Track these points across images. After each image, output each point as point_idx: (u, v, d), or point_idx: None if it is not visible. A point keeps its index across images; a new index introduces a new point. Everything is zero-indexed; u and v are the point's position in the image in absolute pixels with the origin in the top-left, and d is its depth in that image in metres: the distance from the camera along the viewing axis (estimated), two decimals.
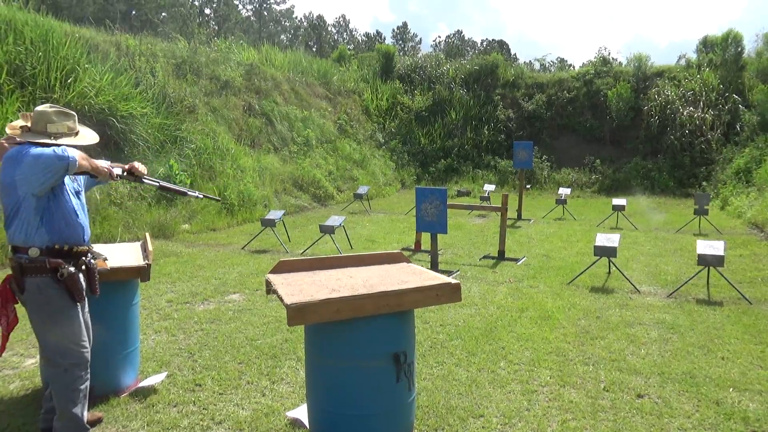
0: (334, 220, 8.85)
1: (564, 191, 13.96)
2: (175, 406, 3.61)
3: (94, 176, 3.07)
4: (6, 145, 2.89)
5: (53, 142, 2.85)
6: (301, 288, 2.90)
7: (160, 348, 4.61)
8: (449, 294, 2.94)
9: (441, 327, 5.19)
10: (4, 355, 4.39)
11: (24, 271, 2.80)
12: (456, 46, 72.17)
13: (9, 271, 2.91)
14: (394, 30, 79.78)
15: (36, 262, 2.80)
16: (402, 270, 3.32)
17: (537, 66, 27.15)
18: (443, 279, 3.03)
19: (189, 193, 3.65)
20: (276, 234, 9.28)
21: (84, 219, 3.03)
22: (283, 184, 13.95)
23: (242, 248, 8.96)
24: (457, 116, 21.12)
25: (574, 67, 31.02)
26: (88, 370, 3.01)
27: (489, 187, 14.86)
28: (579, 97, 20.47)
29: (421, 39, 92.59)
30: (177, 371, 4.14)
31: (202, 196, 3.73)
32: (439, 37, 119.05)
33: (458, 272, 7.47)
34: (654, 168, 17.59)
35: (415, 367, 3.13)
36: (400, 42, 73.38)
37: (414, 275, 3.17)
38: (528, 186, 18.03)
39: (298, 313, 2.61)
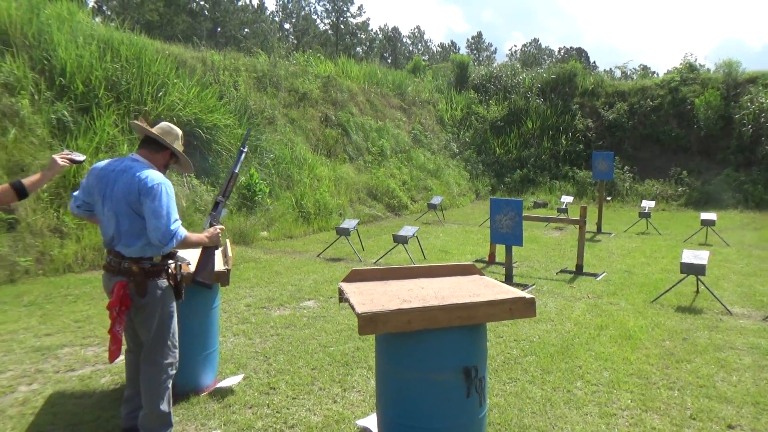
0: (408, 230, 8.86)
1: (648, 204, 13.31)
2: (250, 408, 3.71)
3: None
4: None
5: (172, 146, 3.12)
6: (373, 297, 2.92)
7: (238, 350, 4.77)
8: (523, 309, 2.86)
9: (515, 342, 5.07)
10: (97, 350, 4.70)
11: (147, 275, 2.97)
12: (532, 54, 70.85)
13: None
14: (468, 40, 79.43)
15: (158, 266, 3.03)
16: (474, 282, 3.26)
17: (618, 74, 26.15)
18: (517, 293, 2.95)
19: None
20: (350, 243, 9.41)
21: None
22: (358, 193, 14.14)
23: (317, 256, 9.15)
24: (533, 126, 20.68)
25: (657, 75, 29.60)
26: (175, 371, 3.19)
27: (567, 199, 14.41)
28: (663, 105, 19.51)
29: (496, 49, 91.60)
30: (253, 374, 4.27)
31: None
32: (515, 46, 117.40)
33: (533, 286, 7.27)
34: (747, 180, 16.43)
35: (487, 382, 3.06)
36: (475, 52, 72.91)
37: (487, 288, 3.11)
38: (608, 198, 17.34)
39: (369, 322, 2.62)
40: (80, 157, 3.24)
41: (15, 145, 8.12)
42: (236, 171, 3.58)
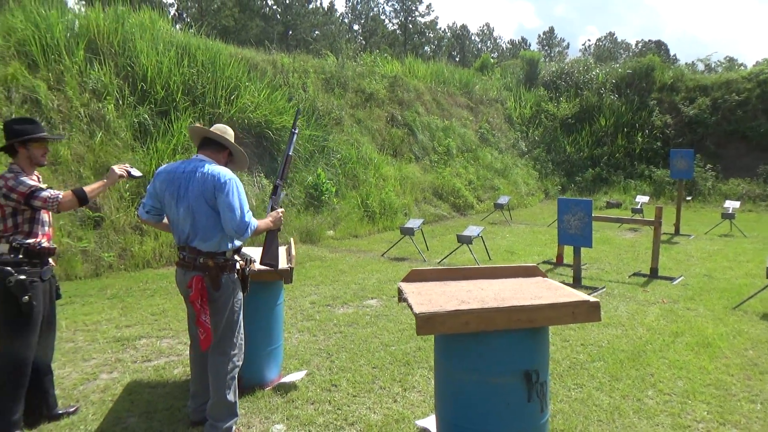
0: (472, 230, 8.76)
1: (732, 204, 12.51)
2: (312, 404, 3.79)
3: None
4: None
5: (235, 145, 3.32)
6: (431, 298, 2.91)
7: (302, 347, 4.88)
8: (587, 312, 2.76)
9: (582, 347, 4.90)
10: (171, 342, 4.94)
11: (222, 269, 3.15)
12: (607, 49, 68.28)
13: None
14: (539, 35, 77.52)
15: (230, 261, 3.20)
16: (537, 285, 3.18)
17: (700, 67, 24.78)
18: (581, 296, 2.86)
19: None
20: (414, 242, 9.41)
21: None
22: (423, 193, 14.12)
23: (382, 255, 9.21)
24: (606, 123, 19.92)
25: (745, 67, 27.76)
26: (241, 363, 3.34)
27: (642, 199, 13.78)
28: (751, 99, 18.29)
29: (568, 44, 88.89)
30: (316, 370, 4.35)
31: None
32: (589, 40, 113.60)
33: (604, 289, 7.01)
34: None
35: (549, 387, 2.98)
36: (546, 48, 71.04)
37: (549, 290, 3.03)
38: (688, 198, 16.43)
39: (426, 322, 2.62)
40: (137, 173, 3.53)
41: (101, 147, 8.67)
42: (290, 153, 3.73)
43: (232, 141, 3.33)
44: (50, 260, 3.42)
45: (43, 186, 3.29)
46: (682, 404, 3.80)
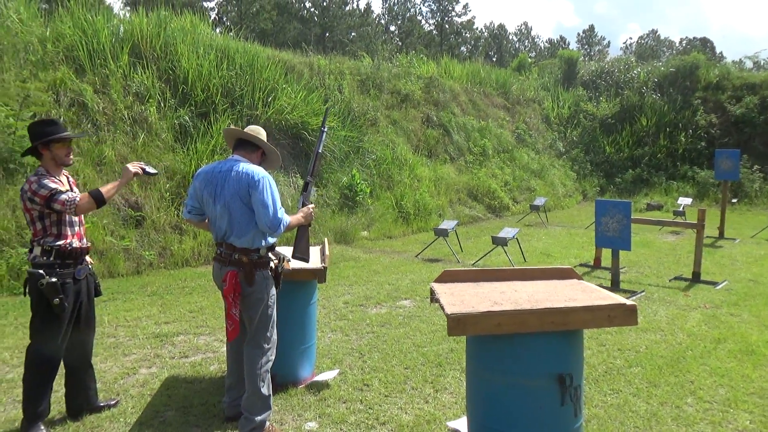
0: (507, 232, 8.67)
1: None
2: (344, 403, 3.82)
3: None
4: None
5: (267, 144, 3.44)
6: (463, 299, 2.89)
7: (335, 346, 4.92)
8: (623, 316, 2.70)
9: (619, 351, 4.80)
10: (207, 339, 5.05)
11: (255, 266, 3.25)
12: (650, 47, 66.60)
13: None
14: (579, 34, 76.23)
15: (263, 258, 3.29)
16: (572, 287, 3.13)
17: (748, 64, 23.85)
18: (617, 299, 2.80)
19: None
20: (448, 244, 9.37)
21: None
22: (458, 194, 14.05)
23: (416, 256, 9.20)
24: (648, 123, 19.42)
25: None
26: (274, 357, 3.41)
27: (684, 201, 13.38)
28: None
29: (609, 42, 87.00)
30: (348, 369, 4.38)
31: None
32: (630, 38, 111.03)
33: (643, 293, 6.84)
34: None
35: (584, 391, 2.93)
36: (586, 46, 69.72)
37: (584, 293, 2.98)
38: (734, 200, 15.86)
39: (458, 323, 2.61)
40: (152, 170, 3.52)
41: (143, 148, 8.92)
42: (319, 151, 3.83)
43: (265, 141, 3.43)
44: (87, 258, 3.51)
45: (64, 188, 3.31)
46: (723, 413, 3.68)
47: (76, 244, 3.37)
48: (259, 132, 3.44)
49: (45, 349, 3.32)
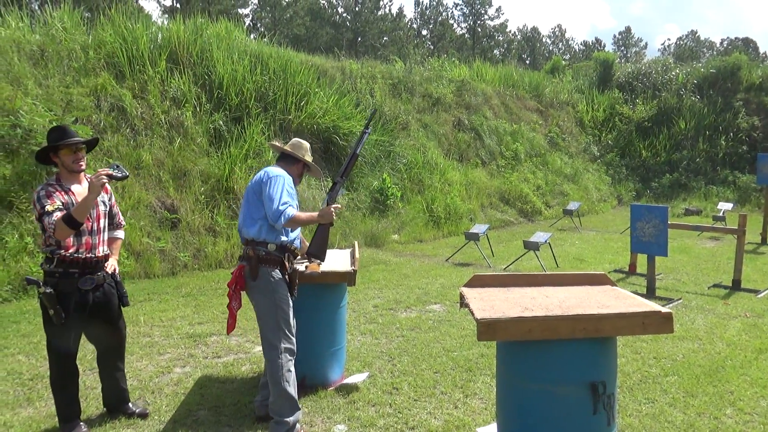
0: (540, 237, 8.57)
1: None
2: (373, 406, 3.83)
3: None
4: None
5: (302, 158, 3.57)
6: (493, 304, 2.87)
7: (365, 349, 4.94)
8: (658, 324, 2.64)
9: (654, 360, 4.69)
10: (239, 340, 5.12)
11: (260, 261, 3.31)
12: (689, 48, 64.99)
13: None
14: (615, 36, 74.92)
15: (272, 255, 3.34)
16: (604, 293, 3.08)
17: None
18: (651, 306, 2.74)
19: None
20: (479, 248, 9.31)
21: (299, 229, 3.56)
22: (490, 198, 13.94)
23: (446, 260, 9.16)
24: (686, 126, 18.94)
25: None
26: (294, 356, 3.40)
27: (725, 206, 12.99)
28: None
29: (646, 43, 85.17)
30: (377, 373, 4.39)
31: None
32: (668, 39, 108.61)
33: (680, 301, 6.67)
34: None
35: (618, 400, 2.87)
36: (622, 48, 68.49)
37: (617, 300, 2.92)
38: None
39: (487, 328, 2.59)
40: (120, 173, 3.30)
41: (179, 152, 9.12)
42: (357, 152, 3.75)
43: (307, 153, 3.59)
44: (109, 268, 3.45)
45: (53, 207, 3.14)
46: (764, 425, 3.56)
47: (82, 253, 3.28)
48: (301, 147, 3.60)
49: (56, 355, 3.34)
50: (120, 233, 3.70)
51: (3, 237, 6.77)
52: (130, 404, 3.66)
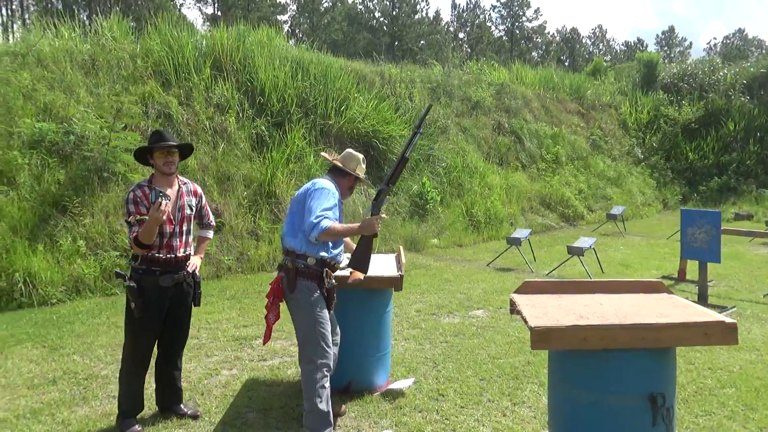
0: (584, 242, 8.39)
1: None
2: (420, 412, 3.80)
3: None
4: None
5: (362, 177, 3.55)
6: (546, 311, 2.82)
7: (409, 354, 4.91)
8: (721, 334, 2.54)
9: (709, 371, 4.52)
10: (284, 344, 5.17)
11: (298, 274, 3.27)
12: (736, 47, 62.86)
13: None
14: (658, 36, 73.05)
15: (310, 269, 3.28)
16: (662, 301, 2.98)
17: None
18: (715, 316, 2.64)
19: None
20: (521, 253, 9.18)
21: (342, 243, 3.51)
22: (530, 202, 13.75)
23: (487, 265, 9.07)
24: (736, 127, 18.32)
25: None
26: (330, 372, 3.29)
27: None
28: None
29: (691, 43, 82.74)
30: (422, 379, 4.36)
31: None
32: (714, 38, 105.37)
33: (734, 309, 6.42)
34: None
35: (676, 413, 2.77)
36: (665, 48, 66.70)
37: (676, 308, 2.83)
38: None
39: (542, 336, 2.53)
40: (167, 199, 3.44)
41: (223, 157, 9.29)
42: (406, 155, 3.49)
43: (360, 166, 3.52)
44: (189, 268, 3.61)
45: (136, 220, 3.37)
46: None
47: (163, 254, 3.47)
48: (351, 159, 3.52)
49: (132, 346, 3.51)
50: (209, 233, 3.94)
51: (57, 240, 7.02)
52: (182, 405, 3.73)
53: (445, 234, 11.13)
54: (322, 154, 3.57)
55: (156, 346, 3.64)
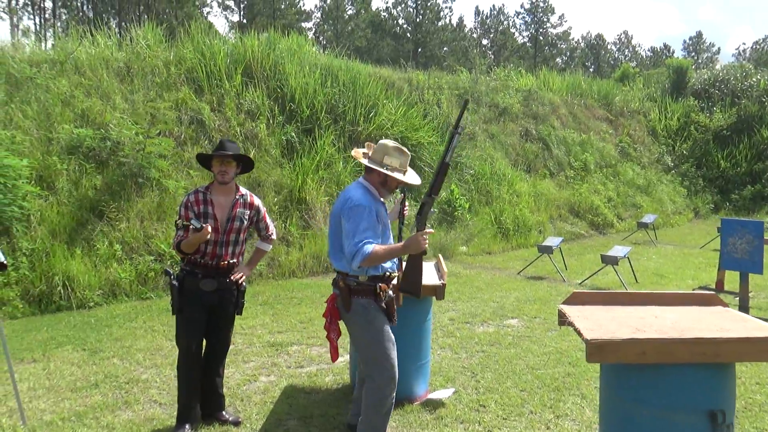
0: (618, 251, 8.26)
1: None
2: (461, 423, 3.76)
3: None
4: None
5: (385, 172, 3.12)
6: (600, 323, 2.76)
7: (446, 364, 4.87)
8: None
9: (758, 386, 4.40)
10: (320, 350, 5.17)
11: (352, 293, 3.10)
12: (767, 52, 61.64)
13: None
14: (685, 41, 71.99)
15: (363, 285, 3.09)
16: (718, 315, 2.90)
17: None
18: None
19: None
20: (553, 261, 9.07)
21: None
22: (559, 210, 13.60)
23: (518, 273, 8.98)
24: None
25: None
26: (395, 389, 3.14)
27: None
28: None
29: (719, 48, 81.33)
30: (462, 389, 4.32)
31: None
32: (744, 44, 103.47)
33: None
34: None
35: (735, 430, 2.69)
36: (693, 54, 65.65)
37: (735, 322, 2.75)
38: None
39: (597, 349, 2.48)
40: (198, 223, 3.43)
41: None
42: (447, 160, 3.24)
43: (390, 156, 3.17)
44: (234, 276, 3.65)
45: (182, 225, 3.50)
46: None
47: (206, 260, 3.55)
48: (377, 151, 3.18)
49: (178, 342, 3.63)
50: (266, 246, 4.02)
51: (95, 244, 7.13)
52: (224, 412, 3.74)
53: (473, 241, 11.05)
54: (353, 152, 3.31)
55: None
